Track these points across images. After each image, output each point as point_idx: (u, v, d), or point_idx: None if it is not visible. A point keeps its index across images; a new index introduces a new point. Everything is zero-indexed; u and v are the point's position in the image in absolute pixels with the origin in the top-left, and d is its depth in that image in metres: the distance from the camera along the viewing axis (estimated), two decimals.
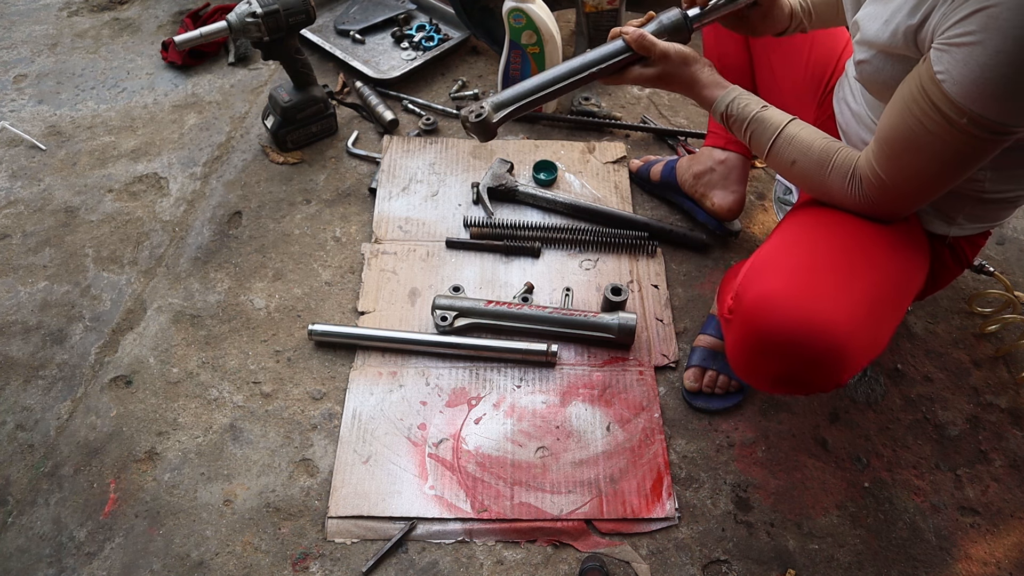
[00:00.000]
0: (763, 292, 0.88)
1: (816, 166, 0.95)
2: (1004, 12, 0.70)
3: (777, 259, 0.94)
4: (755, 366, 0.92)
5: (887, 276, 0.92)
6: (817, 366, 0.85)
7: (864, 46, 0.90)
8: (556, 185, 1.52)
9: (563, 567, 1.03)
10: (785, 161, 0.98)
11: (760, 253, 0.96)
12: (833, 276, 0.89)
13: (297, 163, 1.56)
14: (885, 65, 0.88)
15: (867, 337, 0.88)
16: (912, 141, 0.83)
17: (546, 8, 1.52)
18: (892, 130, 0.85)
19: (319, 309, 1.31)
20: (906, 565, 1.06)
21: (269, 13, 1.37)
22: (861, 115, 1.03)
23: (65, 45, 1.84)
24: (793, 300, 0.86)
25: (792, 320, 0.84)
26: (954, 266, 1.08)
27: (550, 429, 1.16)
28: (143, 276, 1.36)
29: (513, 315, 1.25)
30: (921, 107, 0.80)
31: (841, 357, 0.84)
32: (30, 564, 1.02)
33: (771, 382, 0.92)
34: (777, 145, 0.98)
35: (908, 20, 0.81)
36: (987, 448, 1.18)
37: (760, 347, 0.88)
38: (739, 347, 0.92)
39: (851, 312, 0.85)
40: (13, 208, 1.46)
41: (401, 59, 1.77)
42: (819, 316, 0.84)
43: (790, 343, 0.85)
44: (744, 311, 0.89)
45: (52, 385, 1.21)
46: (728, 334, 0.95)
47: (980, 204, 0.97)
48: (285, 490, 1.10)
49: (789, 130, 0.97)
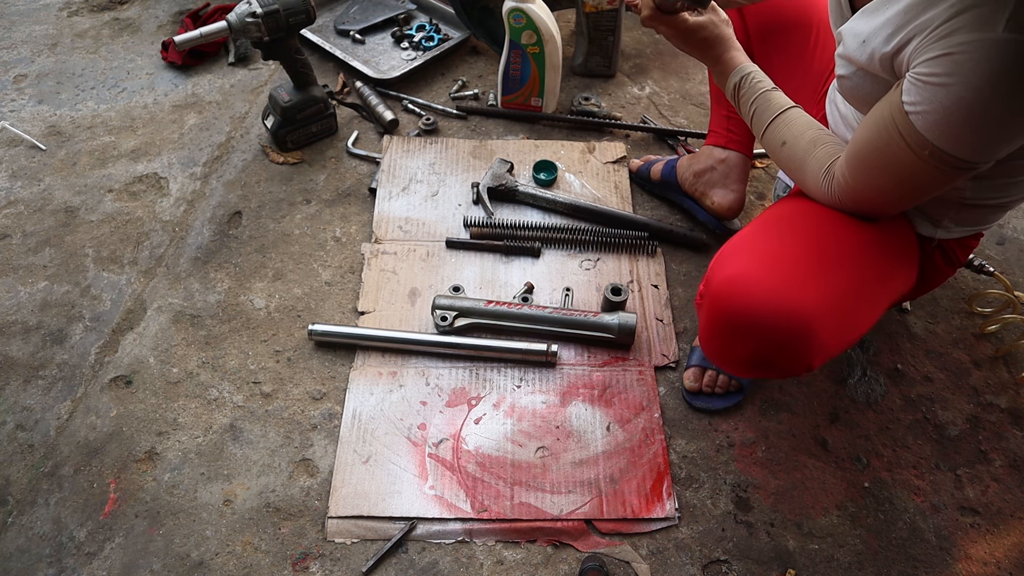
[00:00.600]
0: (731, 274, 0.89)
1: (801, 152, 0.97)
2: (968, 61, 0.73)
3: (748, 244, 0.95)
4: (725, 348, 0.93)
5: (863, 266, 0.93)
6: (784, 348, 0.86)
7: (844, 60, 0.93)
8: (556, 185, 1.52)
9: (563, 567, 1.03)
10: (777, 140, 1.00)
11: (731, 240, 0.98)
12: (803, 261, 0.90)
13: (297, 163, 1.56)
14: (863, 82, 0.91)
15: (837, 322, 0.89)
16: (879, 160, 0.86)
17: (546, 8, 1.52)
18: (863, 145, 0.88)
19: (319, 309, 1.31)
20: (906, 565, 1.06)
21: (269, 13, 1.37)
22: (848, 117, 1.04)
23: (65, 45, 1.84)
24: (760, 282, 0.87)
25: (757, 300, 0.86)
26: (945, 267, 1.09)
27: (550, 429, 1.16)
28: (143, 276, 1.36)
29: (513, 315, 1.25)
30: (890, 132, 0.83)
31: (807, 339, 0.85)
32: (30, 564, 1.02)
33: (742, 365, 0.93)
34: (775, 123, 1.00)
35: (883, 47, 0.83)
36: (987, 448, 1.18)
37: (728, 328, 0.89)
38: (709, 329, 0.93)
39: (819, 296, 0.86)
40: (13, 208, 1.46)
41: (401, 59, 1.77)
42: (784, 297, 0.85)
43: (756, 324, 0.86)
44: (712, 293, 0.91)
45: (52, 385, 1.21)
46: (700, 318, 0.97)
47: (964, 209, 0.98)
48: (285, 490, 1.10)
49: (790, 113, 1.00)
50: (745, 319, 0.87)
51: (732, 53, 1.06)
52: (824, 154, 0.95)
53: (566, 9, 1.89)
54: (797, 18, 1.22)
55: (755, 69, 1.04)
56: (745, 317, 0.87)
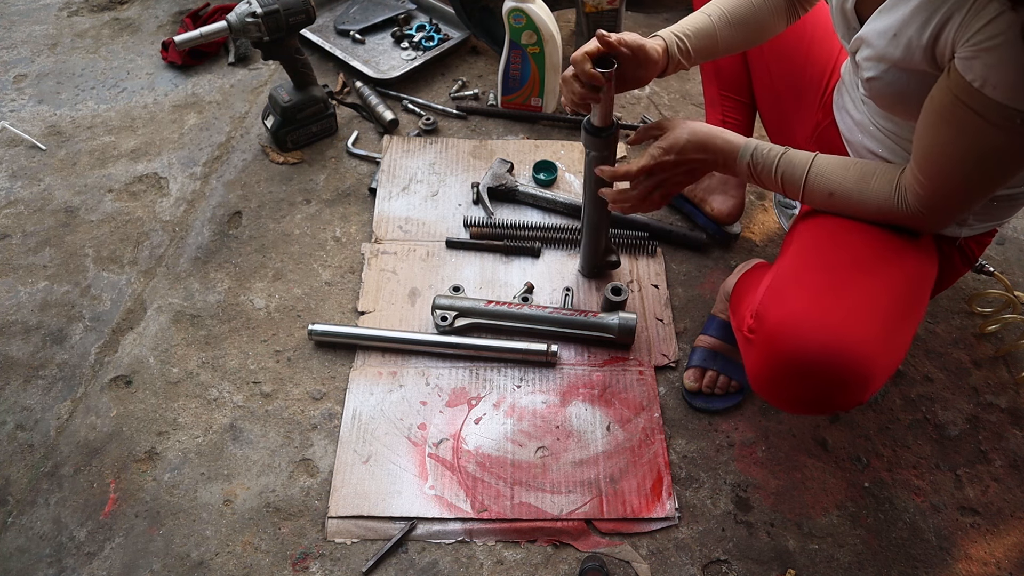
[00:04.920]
0: (786, 314, 0.87)
1: (856, 192, 0.93)
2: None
3: (796, 278, 0.92)
4: (780, 388, 0.90)
5: (903, 288, 0.91)
6: (844, 388, 0.84)
7: (874, 62, 0.89)
8: (556, 185, 1.52)
9: (563, 567, 1.03)
10: (822, 194, 0.96)
11: (778, 271, 0.95)
12: (854, 295, 0.88)
13: (297, 163, 1.56)
14: (898, 79, 0.87)
15: (890, 353, 0.88)
16: (957, 151, 0.82)
17: (546, 8, 1.52)
18: (934, 143, 0.84)
19: (319, 309, 1.31)
20: (906, 565, 1.06)
21: (269, 13, 1.37)
22: (864, 123, 1.02)
23: (65, 45, 1.84)
24: (818, 322, 0.84)
25: (819, 343, 0.83)
26: (962, 266, 1.08)
27: (550, 429, 1.16)
28: (143, 276, 1.36)
29: (513, 315, 1.26)
30: (961, 118, 0.79)
31: (868, 378, 0.84)
32: (30, 564, 1.02)
33: (794, 403, 0.91)
34: (812, 177, 0.96)
35: (919, 37, 0.80)
36: (987, 448, 1.18)
37: (786, 370, 0.87)
38: (763, 370, 0.90)
39: (874, 331, 0.85)
40: (13, 208, 1.46)
41: (401, 59, 1.77)
42: (845, 339, 0.83)
43: (817, 367, 0.84)
44: (767, 333, 0.88)
45: (52, 385, 1.21)
46: (749, 355, 0.94)
47: (990, 202, 0.96)
48: (285, 490, 1.10)
49: (820, 160, 0.96)
50: (807, 362, 0.84)
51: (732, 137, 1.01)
52: (884, 180, 0.92)
53: (566, 9, 1.89)
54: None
55: (758, 141, 1.01)
56: (807, 359, 0.84)
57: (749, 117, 1.36)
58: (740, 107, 1.34)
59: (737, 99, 1.34)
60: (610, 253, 1.34)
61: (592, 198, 1.20)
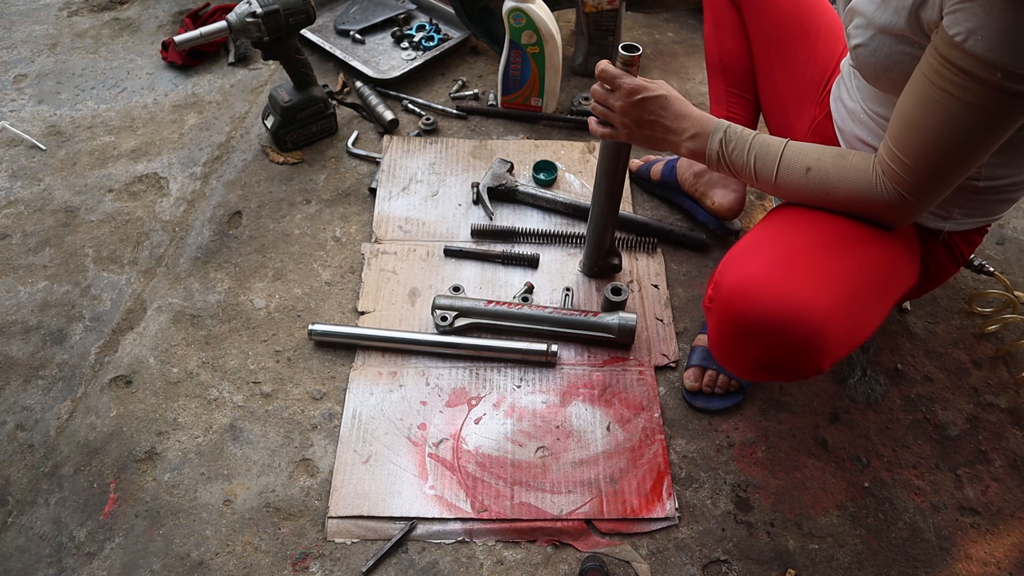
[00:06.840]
0: (740, 278, 0.88)
1: (833, 168, 0.92)
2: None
3: (755, 247, 0.94)
4: (735, 353, 0.92)
5: (869, 266, 0.92)
6: (796, 351, 0.85)
7: (861, 28, 0.89)
8: (556, 185, 1.52)
9: (563, 567, 1.03)
10: (799, 169, 0.94)
11: (739, 243, 0.96)
12: (812, 263, 0.89)
13: (297, 163, 1.56)
14: (882, 46, 0.87)
15: (847, 323, 0.88)
16: (937, 118, 0.80)
17: (546, 8, 1.52)
18: (912, 112, 0.82)
19: (319, 309, 1.31)
20: (906, 565, 1.06)
21: (269, 13, 1.37)
22: (856, 112, 1.02)
23: (65, 45, 1.84)
24: (771, 286, 0.86)
25: (770, 305, 0.84)
26: (949, 264, 1.08)
27: (550, 429, 1.16)
28: (143, 276, 1.36)
29: (513, 315, 1.26)
30: (944, 76, 0.78)
31: (820, 342, 0.84)
32: (30, 564, 1.02)
33: (751, 369, 0.92)
34: (787, 157, 0.95)
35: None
36: (987, 448, 1.18)
37: (739, 333, 0.88)
38: (718, 334, 0.92)
39: (829, 298, 0.85)
40: (13, 208, 1.46)
41: (401, 59, 1.77)
42: (797, 301, 0.84)
43: (768, 328, 0.85)
44: (722, 298, 0.89)
45: (52, 385, 1.21)
46: (708, 322, 0.95)
47: (975, 196, 0.97)
48: (285, 490, 1.10)
49: (792, 144, 0.96)
50: (758, 323, 0.86)
51: (704, 117, 1.01)
52: (860, 158, 0.91)
53: (566, 9, 1.89)
54: (796, 18, 1.22)
55: (729, 123, 1.00)
56: (758, 321, 0.85)
57: (753, 114, 1.36)
58: (745, 104, 1.34)
59: (743, 96, 1.34)
60: (613, 255, 1.34)
61: (603, 192, 1.20)
